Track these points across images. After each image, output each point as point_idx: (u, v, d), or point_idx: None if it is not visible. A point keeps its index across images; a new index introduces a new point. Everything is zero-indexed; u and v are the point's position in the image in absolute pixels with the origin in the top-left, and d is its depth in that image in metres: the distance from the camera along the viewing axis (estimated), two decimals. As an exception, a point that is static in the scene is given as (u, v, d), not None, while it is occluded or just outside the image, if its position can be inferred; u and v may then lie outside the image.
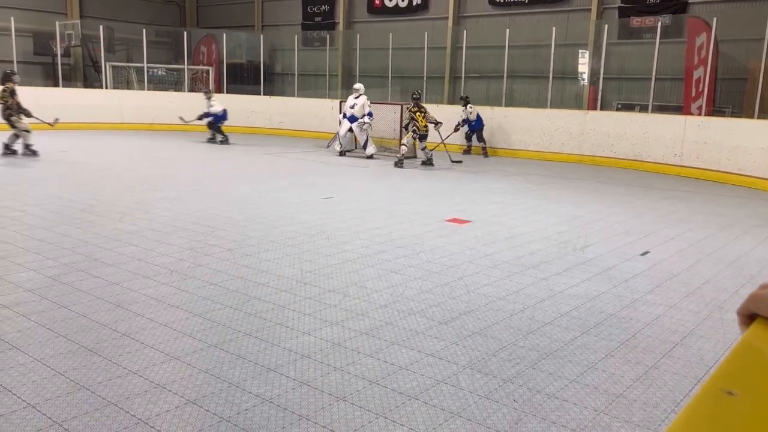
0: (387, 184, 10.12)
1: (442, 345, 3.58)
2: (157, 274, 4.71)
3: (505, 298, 4.46)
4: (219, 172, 10.59)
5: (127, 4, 23.19)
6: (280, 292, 4.44)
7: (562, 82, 16.47)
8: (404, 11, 19.94)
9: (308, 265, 5.13)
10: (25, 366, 3.11)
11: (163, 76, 20.93)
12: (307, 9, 22.29)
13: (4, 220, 6.27)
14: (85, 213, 6.78)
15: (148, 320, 3.79)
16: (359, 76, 18.66)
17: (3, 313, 3.81)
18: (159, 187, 8.73)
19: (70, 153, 12.45)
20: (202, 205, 7.42)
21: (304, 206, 7.68)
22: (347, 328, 3.80)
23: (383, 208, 7.76)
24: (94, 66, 21.04)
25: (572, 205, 8.48)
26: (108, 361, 3.21)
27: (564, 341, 3.71)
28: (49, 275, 4.59)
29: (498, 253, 5.71)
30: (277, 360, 3.31)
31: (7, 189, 8.11)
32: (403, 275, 4.93)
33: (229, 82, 20.34)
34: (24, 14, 19.13)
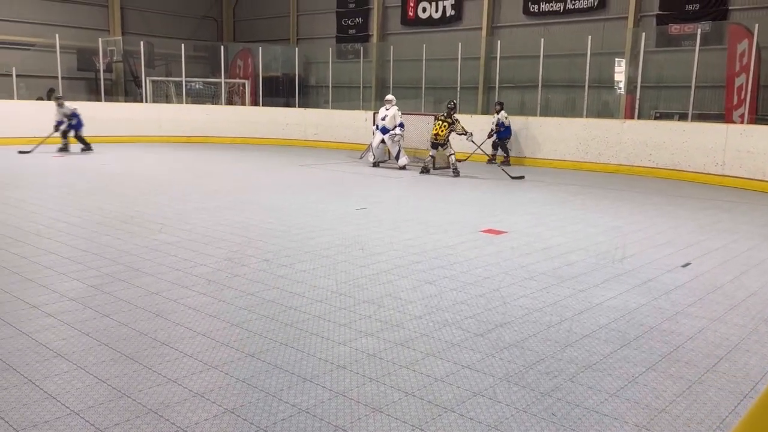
0: (420, 194, 10.11)
1: (478, 357, 3.55)
2: (196, 284, 4.78)
3: (542, 310, 4.40)
4: (255, 184, 10.73)
5: (167, 21, 23.80)
6: (315, 302, 4.46)
7: (598, 91, 16.28)
8: (438, 22, 20.01)
9: (343, 275, 5.15)
10: (68, 373, 3.19)
11: (200, 89, 21.37)
12: (342, 22, 22.55)
13: (50, 231, 6.46)
14: (126, 224, 6.94)
15: (187, 329, 3.85)
16: (392, 87, 18.75)
17: (48, 321, 3.92)
18: (197, 198, 8.88)
19: (112, 165, 12.78)
20: (239, 216, 7.52)
21: (338, 217, 7.72)
22: (382, 339, 3.80)
23: (417, 219, 7.76)
24: (135, 80, 21.61)
25: (610, 216, 8.35)
26: (148, 369, 3.27)
27: (603, 354, 3.64)
28: (92, 284, 4.70)
29: (534, 264, 5.64)
30: (313, 370, 3.32)
31: (52, 201, 8.36)
32: (438, 286, 4.91)
33: (265, 95, 20.64)
34: (69, 31, 19.77)
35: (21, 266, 5.14)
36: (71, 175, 11.10)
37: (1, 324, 3.84)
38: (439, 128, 12.28)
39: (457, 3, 19.51)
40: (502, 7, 18.73)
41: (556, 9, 17.37)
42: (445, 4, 19.76)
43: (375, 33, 21.47)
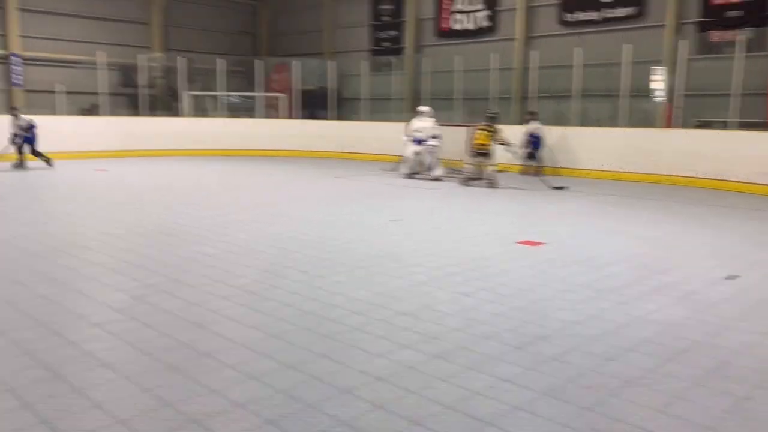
0: (456, 205, 10.08)
1: (517, 370, 3.51)
2: (235, 296, 4.85)
3: (583, 323, 4.33)
4: (291, 196, 10.85)
5: (205, 37, 24.34)
6: (352, 314, 4.47)
7: (636, 100, 16.03)
8: (472, 34, 20.00)
9: (379, 287, 5.16)
10: (114, 383, 3.26)
11: (237, 103, 21.76)
12: (376, 35, 22.72)
13: (95, 243, 6.64)
14: (167, 236, 7.08)
15: (227, 340, 3.90)
16: (427, 99, 18.78)
17: (94, 331, 4.02)
18: (235, 210, 9.02)
19: (152, 178, 13.07)
20: (276, 228, 7.61)
21: (374, 228, 7.75)
22: (420, 351, 3.79)
23: (453, 230, 7.73)
24: (174, 96, 22.12)
25: (651, 227, 8.18)
26: (190, 379, 3.32)
27: (647, 369, 3.56)
28: (135, 295, 4.81)
29: (573, 276, 5.56)
30: (352, 382, 3.33)
31: (97, 214, 8.59)
32: (476, 298, 4.88)
33: (301, 108, 20.90)
34: (112, 49, 20.36)
35: (68, 277, 5.29)
36: (113, 188, 11.39)
37: (50, 333, 3.96)
38: (484, 138, 12.21)
39: (492, 14, 19.48)
40: (537, 17, 18.64)
41: (593, 18, 17.20)
42: (479, 15, 19.75)
43: (409, 45, 21.56)
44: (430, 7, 21.01)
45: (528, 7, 18.61)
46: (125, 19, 22.64)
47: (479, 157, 12.45)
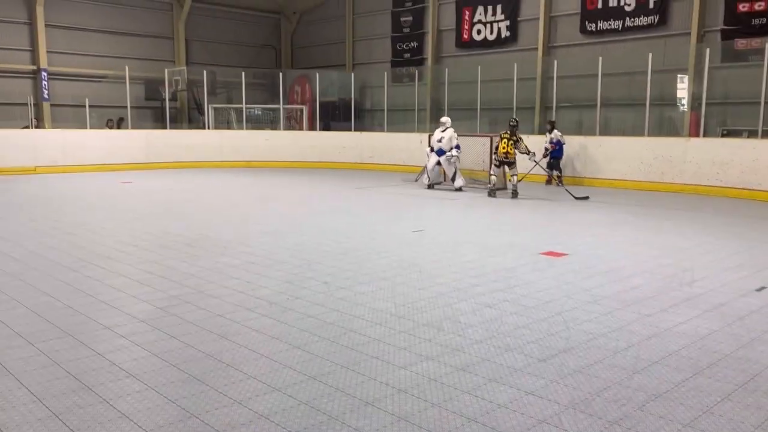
0: (477, 216, 10.04)
1: (541, 383, 3.48)
2: (258, 306, 4.88)
3: (607, 335, 4.28)
4: (313, 207, 10.90)
5: (228, 50, 24.66)
6: (374, 325, 4.47)
7: (660, 108, 15.88)
8: (493, 44, 19.99)
9: (401, 298, 5.16)
10: (140, 393, 3.30)
11: (259, 115, 21.99)
12: (397, 46, 22.82)
13: (119, 255, 6.73)
14: (191, 247, 7.16)
15: (250, 351, 3.93)
16: (448, 109, 18.80)
17: (120, 342, 4.07)
18: (258, 221, 9.09)
19: (176, 190, 13.24)
20: (298, 239, 7.65)
21: (395, 239, 7.75)
22: (443, 363, 3.77)
23: (475, 241, 7.70)
24: (198, 108, 22.43)
25: (676, 237, 8.07)
26: (214, 390, 3.35)
27: (674, 382, 3.50)
28: (160, 306, 4.86)
29: (597, 288, 5.50)
30: (374, 394, 3.33)
31: (122, 225, 8.72)
32: (498, 310, 4.85)
33: (322, 120, 21.04)
34: (137, 63, 20.75)
35: (95, 288, 5.37)
36: (138, 200, 11.55)
37: (78, 344, 4.02)
38: (509, 146, 12.14)
39: (512, 24, 19.47)
40: (558, 27, 18.58)
41: (615, 27, 17.09)
42: (500, 25, 19.74)
43: (430, 56, 21.62)
44: (451, 18, 21.06)
45: (549, 17, 18.56)
46: (150, 34, 23.05)
47: (504, 165, 12.40)
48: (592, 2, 17.47)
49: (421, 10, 21.87)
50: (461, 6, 20.66)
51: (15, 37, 20.23)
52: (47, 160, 16.58)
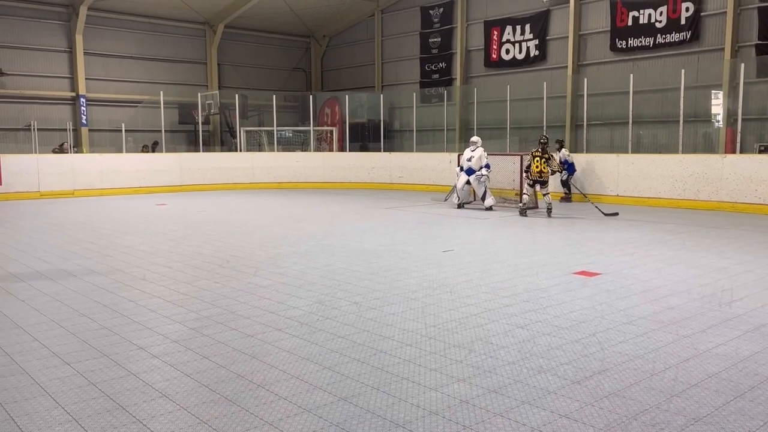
0: (508, 235, 9.96)
1: (576, 406, 3.41)
2: (289, 327, 4.90)
3: (644, 357, 4.18)
4: (344, 228, 10.95)
5: (260, 74, 25.13)
6: (405, 346, 4.45)
7: (693, 125, 15.63)
8: (521, 63, 19.99)
9: (432, 318, 5.12)
10: (173, 414, 3.33)
11: (290, 137, 22.28)
12: (425, 67, 22.98)
13: (153, 276, 6.84)
14: (223, 268, 7.25)
15: (281, 372, 3.93)
16: (477, 128, 18.79)
17: (153, 362, 4.12)
18: (288, 242, 9.16)
19: (209, 212, 13.44)
20: (328, 260, 7.68)
21: (425, 259, 7.72)
22: (474, 385, 3.72)
23: (506, 261, 7.63)
24: (230, 131, 22.84)
25: (714, 256, 7.88)
26: (246, 411, 3.36)
27: (714, 406, 3.40)
28: (192, 327, 4.92)
29: (633, 308, 5.39)
30: (405, 416, 3.30)
31: (157, 247, 8.87)
32: (531, 331, 4.78)
33: (352, 141, 21.21)
34: (171, 88, 21.28)
35: (129, 309, 5.46)
36: (172, 222, 11.76)
37: (112, 364, 4.08)
38: (542, 164, 12.03)
39: (541, 43, 19.45)
40: (588, 45, 18.50)
41: (646, 44, 16.95)
42: (529, 45, 19.74)
43: (458, 76, 21.70)
44: (479, 39, 21.15)
45: (578, 35, 18.51)
46: (184, 59, 23.64)
47: (537, 184, 12.27)
48: (622, 19, 17.37)
49: (449, 31, 22.01)
50: (489, 26, 20.74)
51: (56, 65, 20.96)
52: (85, 183, 17.02)
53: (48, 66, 20.79)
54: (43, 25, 20.62)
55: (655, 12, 16.64)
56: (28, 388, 3.71)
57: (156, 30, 22.81)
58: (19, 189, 15.72)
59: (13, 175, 15.82)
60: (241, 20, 23.68)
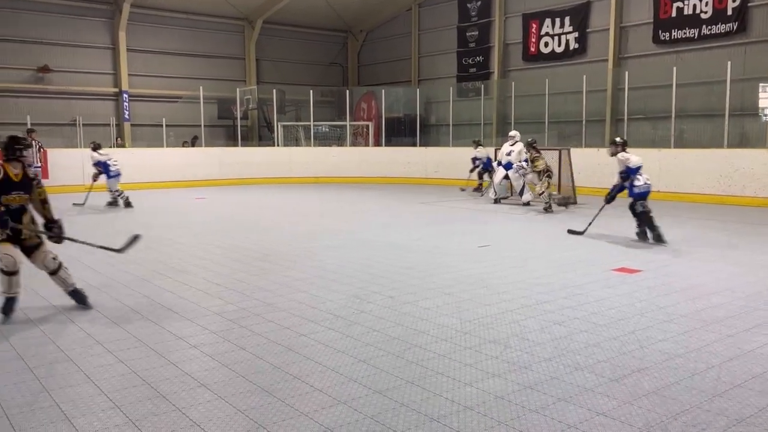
0: (546, 231, 9.83)
1: (614, 404, 3.35)
2: (324, 320, 4.94)
3: (685, 356, 4.09)
4: (378, 222, 10.97)
5: (297, 69, 25.30)
6: (439, 340, 4.44)
7: (740, 119, 15.15)
8: (561, 56, 19.66)
9: (467, 314, 5.10)
10: (211, 403, 3.39)
11: (326, 132, 22.39)
12: (462, 61, 22.80)
13: (193, 268, 6.97)
14: (260, 261, 7.34)
15: (316, 364, 3.97)
16: (514, 123, 18.58)
17: (192, 353, 4.21)
18: (324, 235, 9.23)
19: (247, 205, 13.61)
20: (363, 254, 7.71)
21: (461, 254, 7.68)
22: (510, 380, 3.69)
23: (543, 256, 7.54)
24: (268, 126, 23.07)
25: (761, 254, 7.64)
26: (282, 402, 3.40)
27: (758, 407, 3.30)
28: (230, 318, 5.00)
29: (674, 306, 5.27)
30: (439, 410, 3.29)
31: (196, 239, 9.04)
32: (568, 327, 4.72)
33: (387, 135, 21.21)
34: (210, 83, 21.56)
35: (169, 300, 5.58)
36: (211, 215, 11.95)
37: (153, 354, 4.18)
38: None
39: (581, 36, 19.09)
40: (629, 37, 18.09)
41: (690, 36, 16.47)
42: (568, 37, 19.41)
43: (496, 70, 21.47)
44: (517, 32, 20.87)
45: (620, 27, 18.11)
46: (223, 55, 23.94)
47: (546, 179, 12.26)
48: (666, 11, 16.92)
49: (487, 25, 21.79)
50: (528, 19, 20.46)
51: (99, 61, 21.46)
52: (127, 177, 17.36)
53: (92, 62, 21.30)
54: (88, 22, 21.12)
55: (701, 2, 16.15)
56: (73, 375, 3.83)
57: (196, 26, 23.15)
58: (64, 182, 16.17)
59: (59, 169, 16.28)
60: (279, 15, 23.86)
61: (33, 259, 5.11)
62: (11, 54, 19.70)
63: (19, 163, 4.95)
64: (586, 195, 13.78)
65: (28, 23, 19.91)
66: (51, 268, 5.13)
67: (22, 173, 4.97)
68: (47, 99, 20.28)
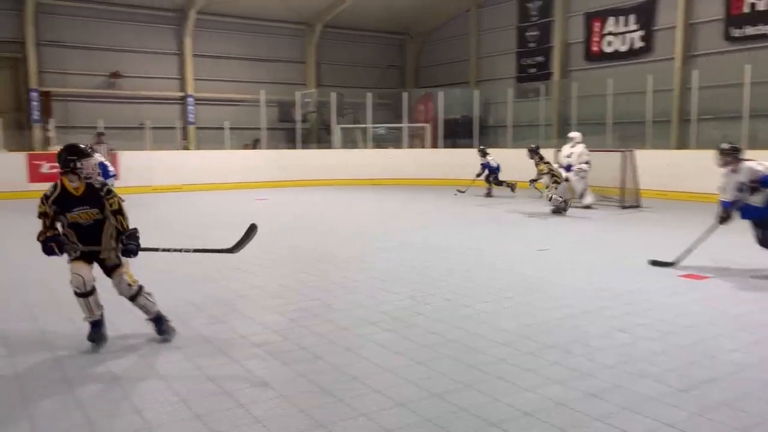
0: (608, 234, 9.58)
1: (682, 415, 3.24)
2: (381, 321, 4.97)
3: (759, 366, 3.91)
4: (435, 224, 10.94)
5: (356, 72, 25.52)
6: (498, 344, 4.39)
7: (820, 119, 14.35)
8: (625, 55, 19.13)
9: (526, 318, 5.03)
10: (272, 401, 3.47)
11: (384, 134, 22.49)
12: (521, 62, 22.49)
13: (256, 268, 7.14)
14: (319, 261, 7.44)
15: (375, 365, 4.00)
16: (575, 124, 18.17)
17: (254, 351, 4.31)
18: (381, 237, 9.27)
19: (305, 207, 13.83)
20: (420, 255, 7.70)
21: (519, 258, 7.58)
22: (571, 387, 3.62)
23: (606, 261, 7.35)
24: (326, 129, 23.36)
25: (841, 261, 7.21)
26: (341, 402, 3.44)
27: (841, 424, 3.12)
28: (291, 318, 5.09)
29: (746, 314, 5.04)
30: (499, 416, 3.26)
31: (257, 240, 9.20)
32: (632, 334, 4.59)
33: (445, 137, 21.11)
34: (272, 87, 22.01)
35: (233, 299, 5.74)
36: (271, 216, 12.19)
37: (218, 351, 4.30)
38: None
39: (647, 34, 18.51)
40: (698, 34, 17.42)
41: (765, 32, 15.73)
42: (633, 36, 18.85)
43: (556, 70, 21.07)
44: (579, 31, 20.43)
45: (688, 24, 17.46)
46: (283, 59, 24.40)
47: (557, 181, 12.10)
48: (738, 6, 16.21)
49: (547, 24, 21.42)
50: (591, 18, 19.99)
51: (166, 67, 22.25)
52: (192, 178, 17.98)
53: (159, 68, 22.10)
54: (156, 29, 21.93)
55: (775, -3, 15.42)
56: (142, 369, 3.99)
57: (258, 31, 23.68)
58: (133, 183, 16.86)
59: (128, 170, 16.97)
60: (338, 19, 24.14)
61: (113, 282, 4.49)
62: (85, 61, 20.67)
63: (75, 175, 4.24)
64: (651, 198, 13.35)
65: (101, 32, 20.85)
66: (126, 294, 4.48)
67: (83, 186, 4.30)
68: (117, 104, 21.15)
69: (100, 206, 4.35)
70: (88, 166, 4.35)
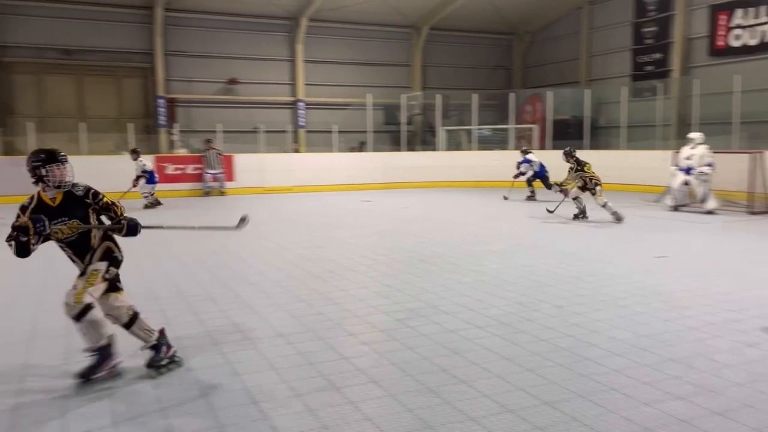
0: (734, 242, 8.91)
1: (824, 442, 2.95)
2: (489, 326, 4.90)
3: None
4: (541, 227, 10.65)
5: (461, 74, 25.39)
6: (613, 355, 4.21)
7: None
8: (755, 49, 17.73)
9: (643, 328, 4.78)
10: (381, 399, 3.52)
11: (489, 136, 22.19)
12: (637, 59, 21.44)
13: (362, 268, 7.27)
14: (424, 263, 7.46)
15: (483, 369, 3.95)
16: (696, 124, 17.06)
17: (363, 349, 4.39)
18: (486, 240, 9.15)
19: (411, 209, 13.92)
20: (527, 259, 7.53)
21: (635, 265, 7.21)
22: (695, 404, 3.40)
23: (731, 270, 6.84)
24: (431, 131, 23.41)
25: None
26: (448, 404, 3.43)
27: None
28: (397, 318, 5.14)
29: None
30: (615, 429, 3.12)
31: (363, 240, 9.41)
32: (764, 350, 4.24)
33: (554, 138, 20.51)
34: (378, 90, 22.35)
35: (340, 297, 5.88)
36: (377, 217, 12.38)
37: (327, 347, 4.42)
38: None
39: (780, 25, 17.07)
40: (841, 23, 15.83)
41: None
42: (765, 29, 17.43)
43: (676, 67, 19.89)
44: (702, 25, 19.17)
45: (830, 12, 15.93)
46: (389, 63, 24.72)
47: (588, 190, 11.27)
48: None
49: (666, 19, 20.27)
50: (716, 10, 18.70)
51: (279, 72, 23.22)
52: (301, 180, 18.64)
53: (272, 74, 23.09)
54: (269, 37, 22.93)
55: None
56: (258, 362, 4.17)
57: (365, 36, 24.14)
58: (246, 184, 17.73)
59: (242, 172, 17.91)
60: (444, 21, 24.11)
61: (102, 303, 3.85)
62: (206, 68, 21.98)
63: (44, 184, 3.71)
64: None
65: (220, 41, 22.09)
66: (121, 321, 3.95)
67: (60, 195, 3.74)
68: (234, 108, 22.31)
69: (81, 216, 3.77)
70: (58, 173, 3.70)
